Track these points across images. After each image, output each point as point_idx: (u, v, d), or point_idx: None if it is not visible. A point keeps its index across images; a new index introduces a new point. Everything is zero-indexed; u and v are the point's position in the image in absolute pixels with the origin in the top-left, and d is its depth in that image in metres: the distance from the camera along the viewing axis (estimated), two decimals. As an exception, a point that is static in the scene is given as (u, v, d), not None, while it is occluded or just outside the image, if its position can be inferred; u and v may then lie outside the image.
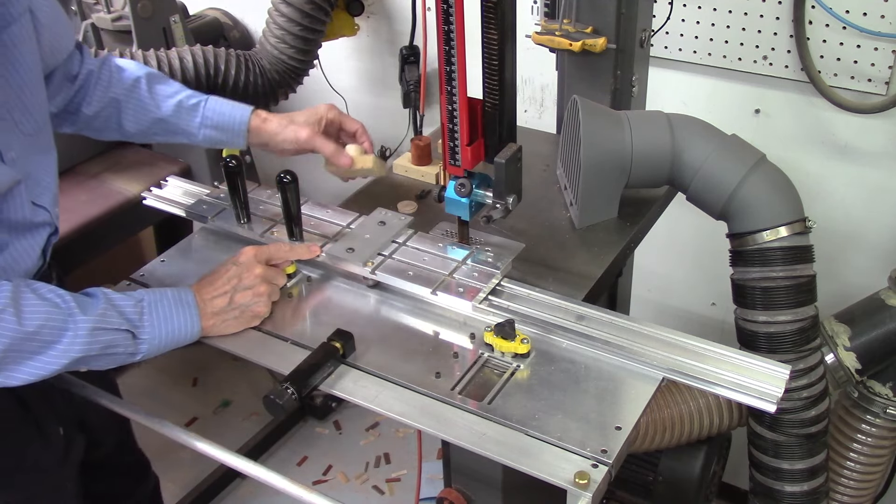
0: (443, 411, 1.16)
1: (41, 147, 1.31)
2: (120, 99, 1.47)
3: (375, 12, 2.64)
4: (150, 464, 1.88)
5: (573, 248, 1.53)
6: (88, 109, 1.47)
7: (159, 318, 1.23)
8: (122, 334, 1.19)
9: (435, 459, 2.65)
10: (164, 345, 1.24)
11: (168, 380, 3.09)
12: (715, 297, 2.37)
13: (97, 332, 1.16)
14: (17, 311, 1.10)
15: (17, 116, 1.23)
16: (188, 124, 1.49)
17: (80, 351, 1.15)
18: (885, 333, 1.65)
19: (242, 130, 1.48)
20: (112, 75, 1.48)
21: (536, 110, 2.44)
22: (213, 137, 1.50)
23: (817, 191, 2.05)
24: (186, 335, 1.26)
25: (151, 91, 1.48)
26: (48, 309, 1.13)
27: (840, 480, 1.79)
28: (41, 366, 1.14)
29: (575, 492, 1.03)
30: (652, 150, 1.53)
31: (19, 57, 1.21)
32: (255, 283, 1.32)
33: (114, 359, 1.21)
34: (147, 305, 1.22)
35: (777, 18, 1.91)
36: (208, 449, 1.19)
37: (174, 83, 1.51)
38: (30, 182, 1.27)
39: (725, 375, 1.18)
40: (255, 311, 1.32)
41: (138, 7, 2.20)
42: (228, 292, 1.30)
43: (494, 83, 1.29)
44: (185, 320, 1.25)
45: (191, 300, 1.27)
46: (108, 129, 1.51)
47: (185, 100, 1.48)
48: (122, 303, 1.20)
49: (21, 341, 1.10)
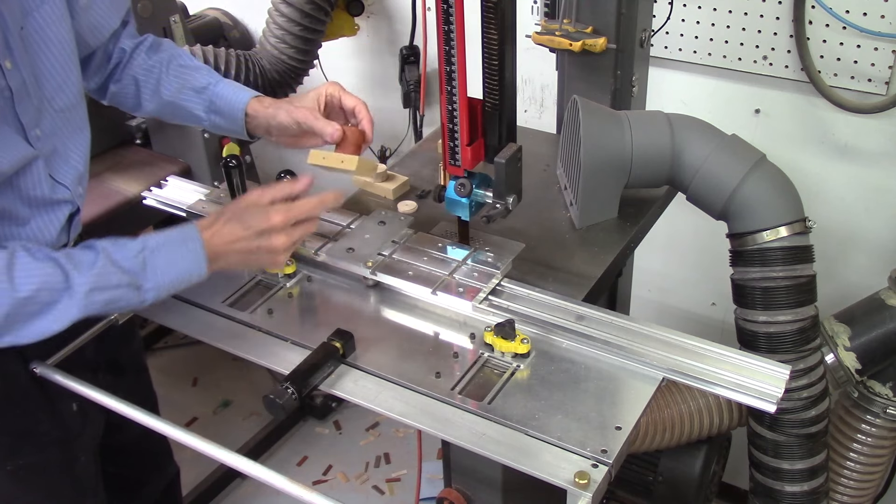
0: (443, 411, 1.16)
1: (74, 124, 1.34)
2: (139, 78, 1.49)
3: (375, 12, 2.64)
4: (172, 452, 1.89)
5: (573, 248, 1.53)
6: (115, 86, 1.51)
7: (163, 265, 1.20)
8: (123, 290, 1.18)
9: (435, 459, 2.65)
10: (172, 289, 1.22)
11: (168, 380, 3.09)
12: (715, 297, 2.37)
13: (94, 293, 1.15)
14: (11, 276, 1.10)
15: (48, 93, 1.27)
16: (196, 108, 1.48)
17: (78, 312, 1.15)
18: (885, 333, 1.65)
19: (240, 117, 1.45)
20: (140, 55, 1.50)
21: (536, 110, 2.44)
22: (219, 124, 1.48)
23: (817, 191, 2.05)
24: (193, 276, 1.23)
25: (168, 72, 1.49)
26: (42, 271, 1.13)
27: (840, 480, 1.79)
28: (45, 325, 1.14)
29: (575, 492, 1.03)
30: (652, 150, 1.53)
31: (52, 36, 1.25)
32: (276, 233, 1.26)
33: (120, 308, 1.22)
34: (149, 253, 1.20)
35: (777, 18, 1.91)
36: (208, 449, 1.19)
37: (194, 64, 1.50)
38: (55, 158, 1.30)
39: (725, 375, 1.18)
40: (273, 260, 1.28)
41: (138, 7, 2.20)
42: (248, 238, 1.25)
43: (494, 83, 1.29)
44: (190, 264, 1.22)
45: (195, 239, 1.23)
46: (129, 105, 1.54)
47: (195, 82, 1.48)
48: (121, 255, 1.18)
49: (19, 306, 1.11)
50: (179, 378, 3.14)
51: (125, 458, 1.72)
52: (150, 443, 1.76)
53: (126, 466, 1.74)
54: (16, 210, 1.25)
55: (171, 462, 1.91)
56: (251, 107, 1.45)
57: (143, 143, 2.49)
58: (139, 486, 1.83)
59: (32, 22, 1.23)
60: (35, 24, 1.23)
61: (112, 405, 1.30)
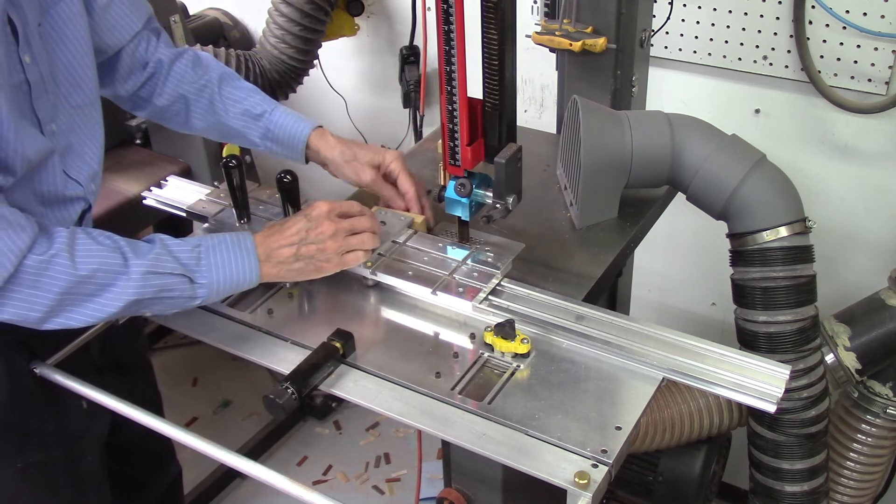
0: (443, 411, 1.16)
1: (89, 121, 1.36)
2: (189, 97, 1.51)
3: (375, 12, 2.64)
4: (174, 451, 1.90)
5: (573, 248, 1.53)
6: (160, 101, 1.52)
7: (217, 263, 1.23)
8: (177, 278, 1.20)
9: (435, 459, 2.65)
10: (223, 289, 1.25)
11: (168, 380, 3.09)
12: (715, 297, 2.37)
13: (150, 276, 1.18)
14: (72, 255, 1.13)
15: (65, 90, 1.30)
16: (252, 133, 1.51)
17: (133, 294, 1.17)
18: (885, 333, 1.65)
19: (300, 148, 1.49)
20: (185, 71, 1.51)
21: (536, 110, 2.44)
22: (274, 150, 1.52)
23: (817, 191, 2.05)
24: (245, 280, 1.26)
25: (221, 93, 1.50)
26: (103, 253, 1.16)
27: (840, 480, 1.79)
28: (98, 307, 1.17)
29: (575, 492, 1.03)
30: (652, 150, 1.53)
31: (68, 33, 1.28)
32: (322, 240, 1.30)
33: (172, 302, 1.22)
34: (204, 250, 1.23)
35: (777, 18, 1.91)
36: (208, 449, 1.19)
37: (246, 86, 1.53)
38: (70, 154, 1.32)
39: (725, 375, 1.18)
40: (318, 266, 1.31)
41: (138, 7, 2.20)
42: (296, 244, 1.29)
43: (494, 83, 1.29)
44: (244, 266, 1.25)
45: (249, 245, 1.26)
46: (177, 123, 1.56)
47: (252, 107, 1.50)
48: (178, 248, 1.22)
49: (77, 284, 1.14)
50: (179, 378, 3.14)
51: (128, 456, 1.73)
52: (153, 442, 1.77)
53: (129, 465, 1.75)
54: (29, 206, 1.26)
55: (173, 461, 1.91)
56: (313, 141, 1.49)
57: (143, 143, 2.49)
58: (142, 485, 1.83)
59: (49, 18, 1.25)
60: (52, 21, 1.25)
61: (112, 405, 1.30)
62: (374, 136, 2.82)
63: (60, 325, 1.17)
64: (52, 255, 1.12)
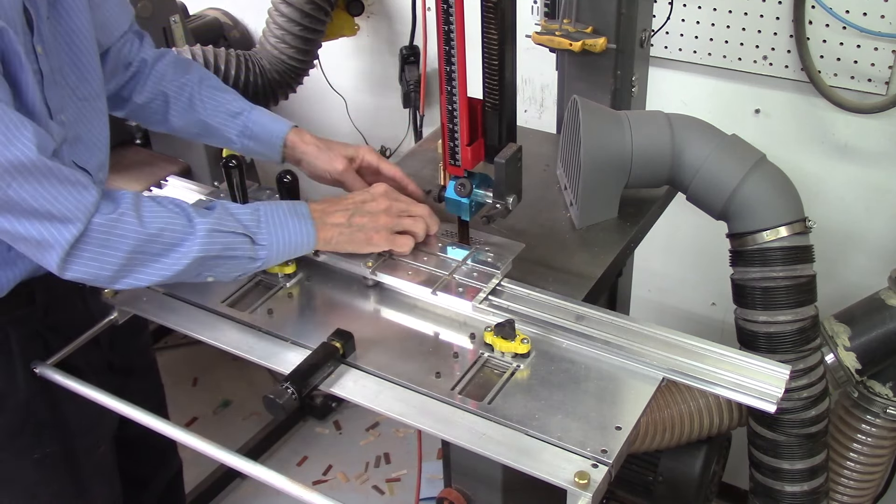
0: (443, 411, 1.16)
1: (96, 113, 1.38)
2: (170, 94, 1.53)
3: (375, 12, 2.64)
4: (176, 446, 1.91)
5: (573, 248, 1.53)
6: (140, 98, 1.53)
7: (276, 226, 1.26)
8: (239, 237, 1.23)
9: (435, 459, 2.65)
10: (282, 252, 1.28)
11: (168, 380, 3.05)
12: (715, 297, 2.37)
13: (215, 234, 1.20)
14: (139, 215, 1.16)
15: (72, 81, 1.31)
16: (229, 131, 1.53)
17: (199, 250, 1.19)
18: (885, 333, 1.65)
19: (278, 145, 1.52)
20: (167, 69, 1.53)
21: (536, 110, 2.44)
22: (251, 148, 1.54)
23: (817, 191, 2.05)
24: (303, 244, 1.30)
25: (202, 92, 1.53)
26: (167, 213, 1.19)
27: (840, 480, 1.79)
28: (166, 266, 1.19)
29: (575, 492, 1.03)
30: (652, 150, 1.53)
31: (74, 26, 1.30)
32: (377, 212, 1.34)
33: (236, 263, 1.25)
34: (263, 214, 1.26)
35: (777, 18, 1.91)
36: (208, 449, 1.19)
37: (226, 88, 1.56)
38: (79, 145, 1.34)
39: (725, 375, 1.18)
40: (368, 236, 1.33)
41: (138, 7, 2.20)
42: (349, 209, 1.33)
43: (494, 83, 1.29)
44: (301, 229, 1.29)
45: (305, 211, 1.30)
46: (155, 120, 1.57)
47: (231, 106, 1.53)
48: (239, 211, 1.25)
49: (145, 243, 1.16)
50: (179, 378, 3.14)
51: (133, 451, 1.73)
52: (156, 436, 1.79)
53: (133, 460, 1.76)
54: None
55: (175, 455, 1.93)
56: (290, 139, 1.51)
57: (143, 143, 2.49)
58: (145, 480, 1.84)
59: (56, 12, 1.27)
60: (59, 14, 1.27)
61: (113, 405, 1.30)
62: (374, 136, 2.82)
63: (129, 284, 1.19)
64: (121, 212, 1.15)
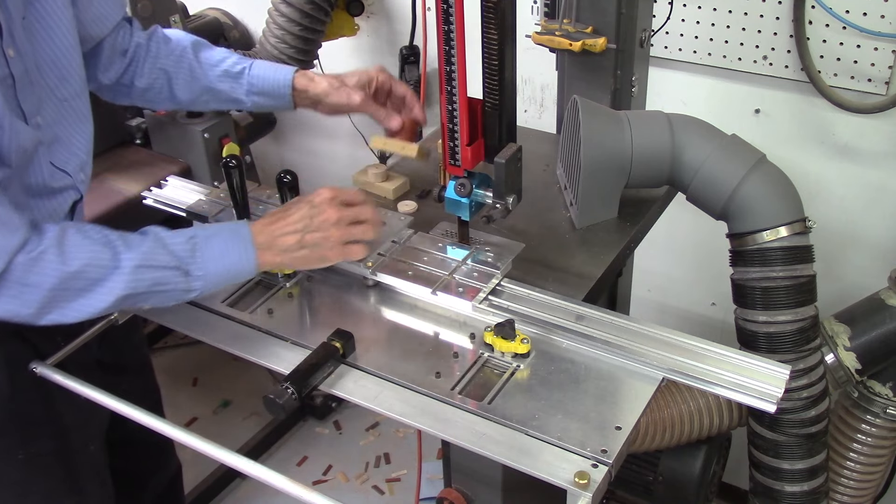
0: (443, 411, 1.16)
1: (76, 113, 1.35)
2: (169, 70, 1.51)
3: (375, 12, 2.64)
4: (174, 446, 1.90)
5: (573, 248, 1.53)
6: (141, 82, 1.51)
7: (213, 255, 1.20)
8: (171, 272, 1.18)
9: (435, 459, 2.65)
10: (220, 280, 1.22)
11: (168, 380, 3.09)
12: (715, 297, 2.37)
13: (142, 270, 1.16)
14: (61, 251, 1.13)
15: (51, 82, 1.29)
16: (236, 92, 1.50)
17: (125, 288, 1.15)
18: (885, 333, 1.65)
19: (286, 93, 1.48)
20: (160, 46, 1.51)
21: (536, 110, 2.44)
22: (262, 103, 1.51)
23: (817, 191, 2.05)
24: (243, 271, 1.23)
25: (199, 59, 1.51)
26: (93, 248, 1.15)
27: (840, 480, 1.79)
28: (90, 302, 1.16)
29: (575, 492, 1.03)
30: (652, 150, 1.53)
31: (53, 26, 1.27)
32: (328, 227, 1.27)
33: (168, 296, 1.20)
34: (200, 241, 1.20)
35: (777, 18, 1.91)
36: (208, 449, 1.19)
37: (220, 49, 1.53)
38: (56, 146, 1.31)
39: (725, 375, 1.18)
40: (322, 255, 1.27)
41: (138, 7, 2.20)
42: (300, 231, 1.25)
43: (494, 83, 1.29)
44: (241, 256, 1.22)
45: (246, 234, 1.23)
46: (160, 99, 1.55)
47: (231, 67, 1.50)
48: (172, 240, 1.19)
49: (67, 280, 1.13)
50: (179, 378, 3.14)
51: (130, 450, 1.73)
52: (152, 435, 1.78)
53: (131, 460, 1.75)
54: (18, 198, 1.25)
55: (173, 456, 1.92)
56: (298, 82, 1.48)
57: (143, 143, 2.48)
58: (143, 481, 1.83)
59: (34, 11, 1.24)
60: (37, 13, 1.25)
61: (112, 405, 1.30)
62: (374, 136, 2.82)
63: (54, 321, 1.16)
64: (41, 251, 1.12)
